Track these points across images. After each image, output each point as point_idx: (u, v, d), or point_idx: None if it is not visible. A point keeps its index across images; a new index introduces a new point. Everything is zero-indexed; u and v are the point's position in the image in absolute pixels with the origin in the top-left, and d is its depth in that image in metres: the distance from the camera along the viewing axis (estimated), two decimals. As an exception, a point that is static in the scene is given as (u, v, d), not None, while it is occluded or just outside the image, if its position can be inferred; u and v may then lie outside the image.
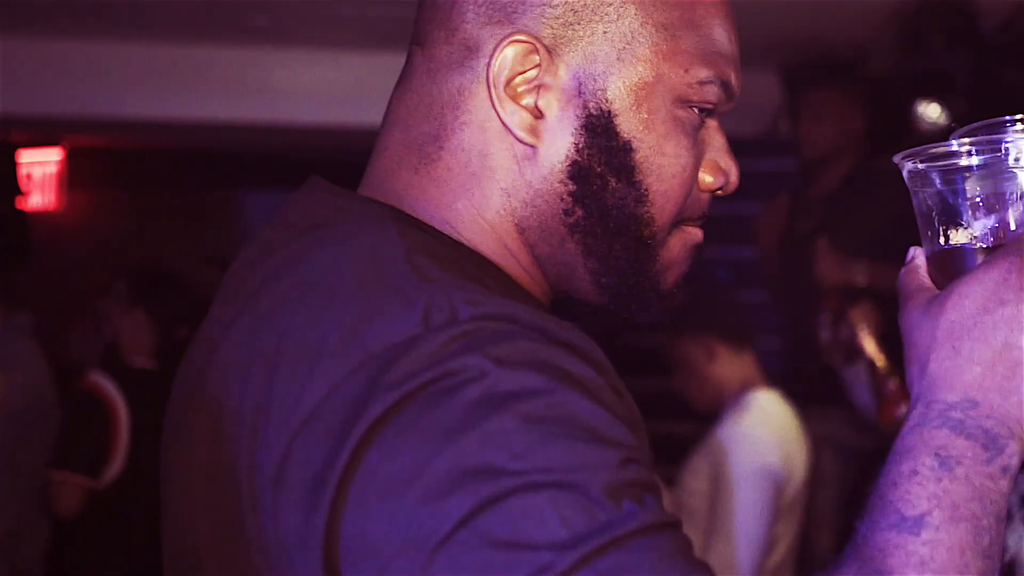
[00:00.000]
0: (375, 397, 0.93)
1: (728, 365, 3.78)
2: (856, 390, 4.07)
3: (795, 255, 4.65)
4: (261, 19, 5.27)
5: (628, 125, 1.10)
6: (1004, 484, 0.97)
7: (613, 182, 1.10)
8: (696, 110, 1.12)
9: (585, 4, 1.09)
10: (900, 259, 1.10)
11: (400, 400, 0.92)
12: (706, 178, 1.15)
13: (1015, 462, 0.98)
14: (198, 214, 8.95)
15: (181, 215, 8.81)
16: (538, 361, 0.94)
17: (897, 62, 4.97)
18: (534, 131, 1.10)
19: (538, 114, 1.10)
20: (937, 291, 1.05)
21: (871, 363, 3.94)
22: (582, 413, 0.93)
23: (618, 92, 1.10)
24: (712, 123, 1.15)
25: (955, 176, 1.07)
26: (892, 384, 3.82)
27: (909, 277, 1.09)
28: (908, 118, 4.95)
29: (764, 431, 3.67)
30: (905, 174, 1.09)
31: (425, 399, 0.92)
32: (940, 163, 1.07)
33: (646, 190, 1.11)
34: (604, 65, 1.09)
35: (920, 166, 1.08)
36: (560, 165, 1.10)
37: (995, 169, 1.06)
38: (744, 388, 3.75)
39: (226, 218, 9.32)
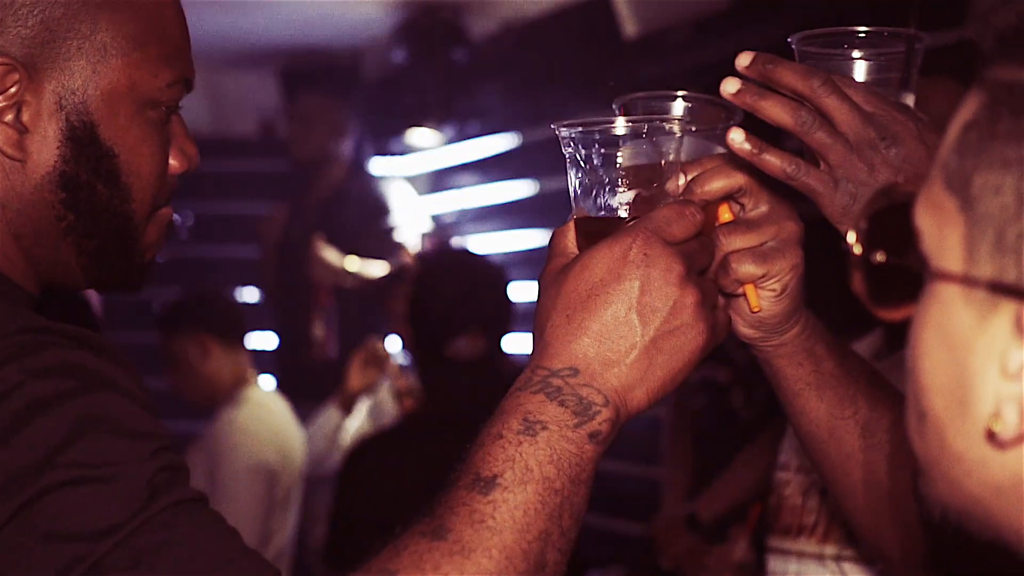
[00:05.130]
0: None
1: (222, 362, 3.81)
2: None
3: (291, 257, 4.73)
4: None
5: (109, 132, 1.18)
6: (589, 449, 1.04)
7: (100, 187, 1.18)
8: (164, 108, 1.22)
9: (59, 23, 1.16)
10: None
11: None
12: (174, 164, 1.25)
13: (606, 428, 1.05)
14: None
15: None
16: (71, 366, 1.02)
17: (394, 72, 5.14)
18: (19, 146, 1.16)
19: (23, 129, 1.16)
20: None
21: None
22: (114, 410, 1.01)
23: (97, 103, 1.17)
24: (174, 116, 1.25)
25: (606, 145, 1.11)
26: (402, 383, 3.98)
27: (557, 239, 1.14)
28: (404, 124, 5.15)
29: (258, 426, 3.73)
30: (561, 140, 1.13)
31: None
32: (594, 131, 1.11)
33: (129, 189, 1.20)
34: (82, 79, 1.17)
35: (574, 133, 1.12)
36: (49, 176, 1.17)
37: (644, 142, 1.11)
38: (238, 384, 3.79)
39: None
